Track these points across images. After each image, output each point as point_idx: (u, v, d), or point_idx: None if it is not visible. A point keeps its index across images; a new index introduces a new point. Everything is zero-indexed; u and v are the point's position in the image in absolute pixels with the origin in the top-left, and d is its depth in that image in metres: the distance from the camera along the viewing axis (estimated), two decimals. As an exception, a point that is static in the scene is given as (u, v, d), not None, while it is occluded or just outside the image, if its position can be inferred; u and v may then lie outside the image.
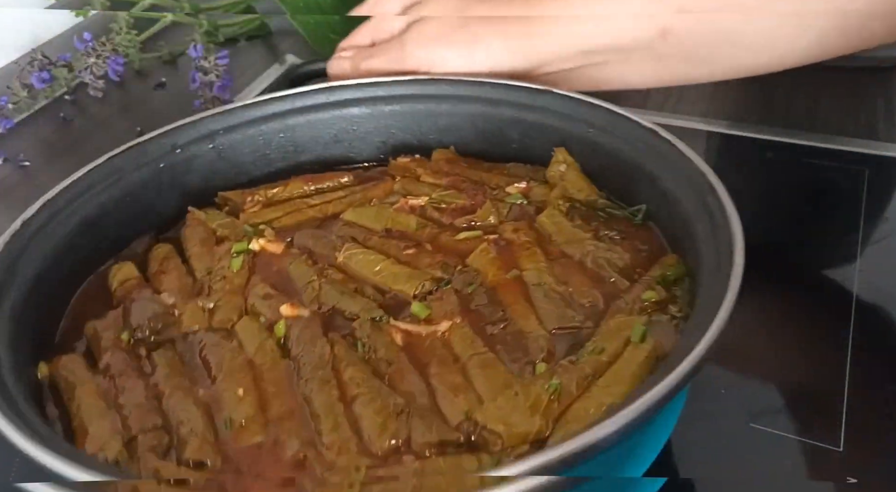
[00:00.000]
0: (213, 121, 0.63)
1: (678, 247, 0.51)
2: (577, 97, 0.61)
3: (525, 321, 0.48)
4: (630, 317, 0.46)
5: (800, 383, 0.53)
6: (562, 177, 0.60)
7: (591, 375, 0.43)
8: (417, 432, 0.41)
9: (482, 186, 0.60)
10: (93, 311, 0.53)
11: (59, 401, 0.47)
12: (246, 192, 0.63)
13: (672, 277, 0.50)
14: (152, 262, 0.56)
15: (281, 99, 0.65)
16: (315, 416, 0.43)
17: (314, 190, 0.63)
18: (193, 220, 0.59)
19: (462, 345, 0.47)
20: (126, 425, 0.43)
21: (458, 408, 0.42)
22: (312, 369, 0.45)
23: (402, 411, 0.42)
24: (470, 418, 0.42)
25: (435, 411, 0.43)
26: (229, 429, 0.43)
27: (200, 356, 0.48)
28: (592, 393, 0.42)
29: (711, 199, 0.49)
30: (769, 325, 0.58)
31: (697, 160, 0.52)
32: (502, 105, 0.64)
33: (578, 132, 0.60)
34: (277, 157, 0.66)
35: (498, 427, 0.40)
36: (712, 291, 0.42)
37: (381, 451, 0.41)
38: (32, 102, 0.85)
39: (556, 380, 0.43)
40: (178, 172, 0.62)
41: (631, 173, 0.57)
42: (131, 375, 0.46)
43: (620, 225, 0.56)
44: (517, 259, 0.53)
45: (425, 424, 0.41)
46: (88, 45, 0.87)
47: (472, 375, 0.45)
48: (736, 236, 0.44)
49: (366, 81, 0.66)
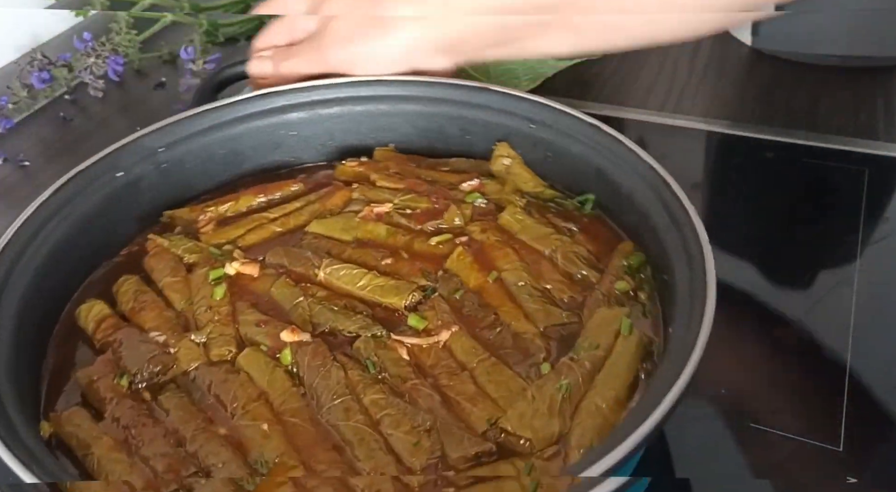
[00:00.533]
0: (152, 138, 0.61)
1: (637, 237, 0.56)
2: (516, 94, 0.64)
3: (517, 323, 0.51)
4: (612, 310, 0.51)
5: (800, 382, 0.55)
6: (507, 170, 0.63)
7: (592, 369, 0.48)
8: (450, 447, 0.44)
9: (439, 187, 0.62)
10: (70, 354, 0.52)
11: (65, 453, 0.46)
12: (194, 209, 0.62)
13: (635, 265, 0.55)
14: (123, 297, 0.55)
15: (219, 109, 0.64)
16: (347, 442, 0.45)
17: (266, 202, 0.63)
18: (156, 247, 0.57)
19: (464, 353, 0.50)
20: (159, 476, 0.43)
21: (480, 417, 0.46)
22: (331, 397, 0.47)
23: (432, 428, 0.45)
24: (494, 425, 0.45)
25: (458, 423, 0.46)
26: (264, 468, 0.44)
27: (210, 394, 0.48)
28: (597, 387, 0.47)
29: (665, 192, 0.54)
30: (769, 324, 0.59)
31: (643, 154, 0.57)
32: (441, 103, 0.65)
33: (519, 127, 0.64)
34: (219, 169, 0.65)
35: (526, 433, 0.44)
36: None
37: (419, 470, 0.44)
38: (32, 102, 0.86)
39: (565, 380, 0.47)
40: (125, 196, 0.60)
41: (575, 166, 0.61)
42: (146, 423, 0.46)
43: (572, 216, 0.60)
44: (492, 260, 0.56)
45: (455, 438, 0.45)
46: (88, 45, 0.87)
47: (482, 382, 0.48)
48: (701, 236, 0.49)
49: (302, 86, 0.66)
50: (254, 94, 0.65)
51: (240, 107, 0.64)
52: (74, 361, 0.52)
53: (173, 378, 0.49)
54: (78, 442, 0.45)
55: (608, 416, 0.45)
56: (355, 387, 0.48)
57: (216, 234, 0.59)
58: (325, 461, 0.44)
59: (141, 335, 0.51)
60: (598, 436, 0.44)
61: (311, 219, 0.60)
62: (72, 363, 0.52)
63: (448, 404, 0.47)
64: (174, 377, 0.49)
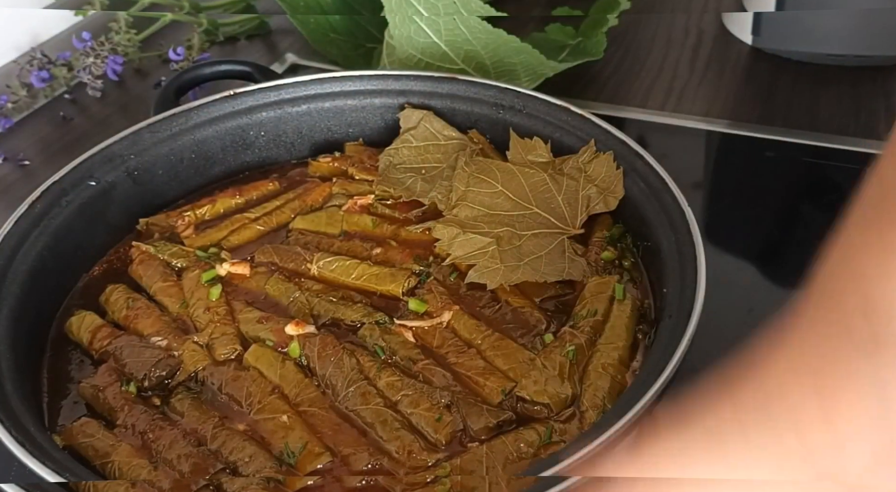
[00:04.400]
0: (121, 145, 0.60)
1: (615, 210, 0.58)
2: (482, 81, 0.65)
3: (513, 298, 0.53)
4: (604, 278, 0.53)
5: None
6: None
7: (593, 335, 0.50)
8: (472, 419, 0.46)
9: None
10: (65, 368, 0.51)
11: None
12: (171, 214, 0.61)
13: (616, 235, 0.57)
14: (113, 306, 0.54)
15: (186, 113, 0.63)
16: (369, 425, 0.46)
17: (244, 202, 0.63)
18: (141, 254, 0.57)
19: (468, 331, 0.51)
20: (186, 476, 0.43)
21: (494, 389, 0.47)
22: (346, 384, 0.47)
23: (452, 403, 0.46)
24: (509, 395, 0.47)
25: (475, 397, 0.47)
26: (293, 458, 0.44)
27: (222, 393, 0.48)
28: (600, 351, 0.49)
29: (637, 161, 0.56)
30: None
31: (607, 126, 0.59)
32: (408, 95, 0.67)
33: (488, 114, 0.65)
34: (190, 173, 0.64)
35: (543, 399, 0.46)
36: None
37: (443, 445, 0.45)
38: (32, 102, 0.85)
39: (570, 346, 0.49)
40: (100, 205, 0.59)
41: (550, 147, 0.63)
42: (162, 426, 0.46)
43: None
44: (479, 241, 0.57)
45: (475, 411, 0.46)
46: (87, 45, 0.85)
47: (490, 356, 0.50)
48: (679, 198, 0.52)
49: (268, 85, 0.66)
50: (220, 95, 0.64)
51: (207, 109, 0.64)
52: (70, 374, 0.51)
53: (182, 382, 0.49)
54: (95, 452, 0.45)
55: (615, 376, 0.47)
56: (368, 372, 0.48)
57: (199, 237, 0.59)
58: (350, 445, 0.45)
59: (142, 341, 0.50)
60: (609, 395, 0.46)
61: (293, 216, 0.61)
62: (67, 377, 0.51)
63: (460, 380, 0.48)
64: (182, 381, 0.49)
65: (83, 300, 0.56)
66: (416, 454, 0.44)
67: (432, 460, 0.44)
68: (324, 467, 0.44)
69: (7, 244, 0.52)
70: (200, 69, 0.71)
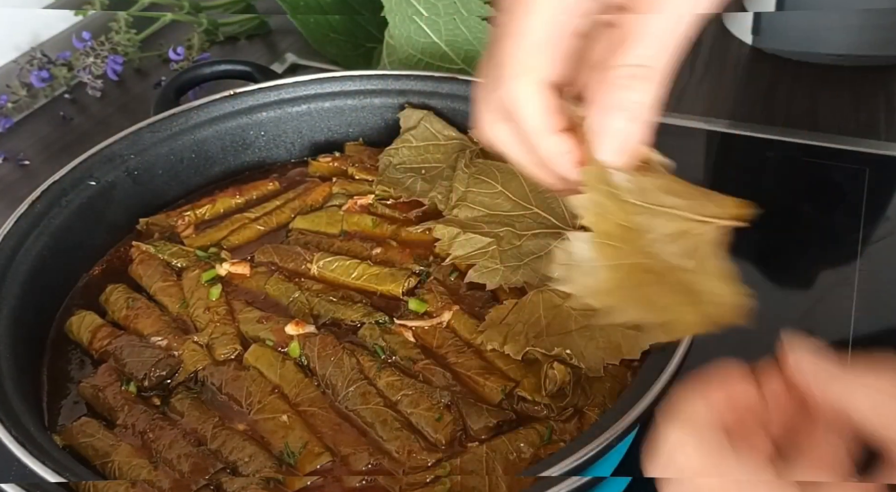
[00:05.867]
0: (121, 145, 0.60)
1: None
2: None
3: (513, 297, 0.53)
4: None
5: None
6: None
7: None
8: (472, 419, 0.45)
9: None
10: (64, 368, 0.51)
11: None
12: (171, 214, 0.61)
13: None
14: (113, 305, 0.54)
15: (186, 113, 0.63)
16: (369, 425, 0.46)
17: (244, 202, 0.63)
18: (141, 254, 0.57)
19: (468, 330, 0.51)
20: (186, 475, 0.43)
21: (494, 389, 0.47)
22: (346, 383, 0.47)
23: (452, 403, 0.46)
24: (510, 394, 0.47)
25: (474, 396, 0.47)
26: (293, 458, 0.44)
27: (222, 392, 0.48)
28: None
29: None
30: (769, 324, 0.61)
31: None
32: (408, 95, 0.67)
33: (488, 113, 0.65)
34: (190, 173, 0.65)
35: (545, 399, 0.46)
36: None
37: (443, 444, 0.45)
38: (32, 101, 0.85)
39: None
40: (99, 205, 0.59)
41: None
42: (162, 426, 0.46)
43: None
44: (479, 242, 0.57)
45: (476, 410, 0.46)
46: (87, 45, 0.85)
47: (489, 356, 0.49)
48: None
49: (268, 85, 0.66)
50: (220, 96, 0.64)
51: (207, 109, 0.64)
52: (70, 374, 0.51)
53: (182, 381, 0.49)
54: (95, 452, 0.45)
55: (615, 375, 0.47)
56: (368, 372, 0.48)
57: (199, 237, 0.59)
58: (350, 444, 0.45)
59: (142, 341, 0.50)
60: (610, 395, 0.46)
61: (293, 216, 0.60)
62: (67, 377, 0.51)
63: (460, 380, 0.48)
64: (183, 381, 0.49)
65: (83, 300, 0.56)
66: (416, 454, 0.44)
67: (432, 459, 0.44)
68: (324, 467, 0.44)
69: (7, 244, 0.52)
70: (200, 69, 0.71)
